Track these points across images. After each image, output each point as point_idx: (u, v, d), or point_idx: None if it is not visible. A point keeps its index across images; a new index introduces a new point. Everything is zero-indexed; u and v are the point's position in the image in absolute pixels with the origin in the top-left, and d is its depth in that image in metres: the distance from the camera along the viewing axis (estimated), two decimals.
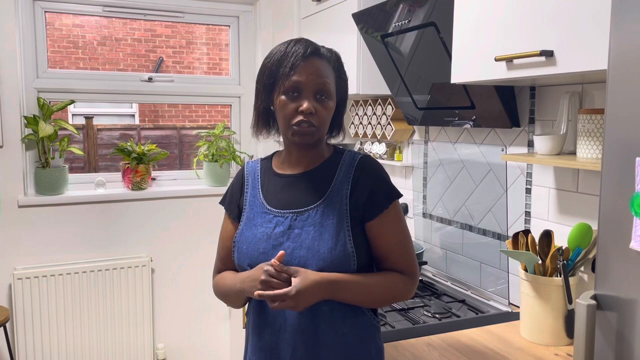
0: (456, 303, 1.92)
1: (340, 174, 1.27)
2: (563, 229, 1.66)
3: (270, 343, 1.24)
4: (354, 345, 1.24)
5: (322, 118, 1.23)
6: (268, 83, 1.25)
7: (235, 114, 3.21)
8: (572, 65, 1.22)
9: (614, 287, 0.92)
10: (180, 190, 2.98)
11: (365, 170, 1.26)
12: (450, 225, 2.18)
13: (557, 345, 1.52)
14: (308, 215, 1.23)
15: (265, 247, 1.23)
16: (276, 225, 1.24)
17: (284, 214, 1.25)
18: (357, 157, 1.29)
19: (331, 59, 1.27)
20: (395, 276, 1.25)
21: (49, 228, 2.72)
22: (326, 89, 1.22)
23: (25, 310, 2.62)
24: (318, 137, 1.25)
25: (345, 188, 1.24)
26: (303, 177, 1.29)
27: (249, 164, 1.40)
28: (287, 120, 1.22)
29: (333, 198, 1.24)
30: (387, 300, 1.28)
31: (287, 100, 1.22)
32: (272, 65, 1.24)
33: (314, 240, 1.20)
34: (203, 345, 3.08)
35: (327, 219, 1.22)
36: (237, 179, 1.39)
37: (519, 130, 1.83)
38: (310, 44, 1.24)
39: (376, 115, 2.50)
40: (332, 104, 1.25)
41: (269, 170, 1.35)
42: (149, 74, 2.97)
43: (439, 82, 1.91)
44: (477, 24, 1.51)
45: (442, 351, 1.49)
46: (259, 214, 1.28)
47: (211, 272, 3.00)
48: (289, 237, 1.22)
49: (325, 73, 1.23)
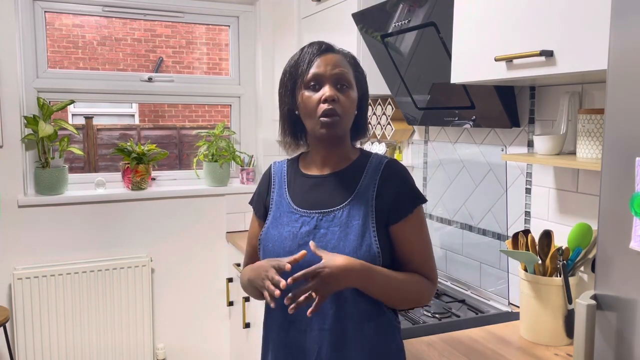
0: (456, 303, 1.92)
1: (366, 177, 1.29)
2: (563, 229, 1.66)
3: (296, 340, 1.25)
4: (377, 345, 1.25)
5: (346, 107, 1.24)
6: (290, 85, 1.29)
7: (235, 114, 3.21)
8: (572, 65, 1.22)
9: (614, 287, 0.92)
10: (180, 190, 2.98)
11: (391, 174, 1.28)
12: (450, 225, 2.18)
13: (557, 345, 1.52)
14: (334, 215, 1.24)
15: (291, 245, 1.24)
16: (302, 224, 1.26)
17: (310, 213, 1.27)
18: (384, 160, 1.31)
19: (347, 55, 1.32)
20: (421, 278, 1.27)
21: (49, 228, 2.72)
22: (345, 78, 1.25)
23: (25, 310, 2.62)
24: (343, 128, 1.26)
25: (372, 190, 1.26)
26: (330, 178, 1.31)
27: (275, 164, 1.43)
28: (312, 112, 1.24)
29: (359, 200, 1.25)
30: (411, 299, 1.29)
31: (310, 94, 1.24)
32: (291, 68, 1.29)
33: (339, 240, 1.22)
34: (203, 345, 3.08)
35: (353, 219, 1.23)
36: (264, 179, 1.42)
37: (519, 130, 1.83)
38: (324, 42, 1.30)
39: (376, 115, 2.50)
40: (354, 94, 1.27)
41: (295, 170, 1.37)
42: (149, 74, 2.97)
43: (439, 82, 1.91)
44: (477, 24, 1.51)
45: (442, 351, 1.49)
46: (285, 214, 1.30)
47: (211, 272, 3.04)
48: (315, 236, 1.23)
49: (342, 64, 1.27)
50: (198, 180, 3.10)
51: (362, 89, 1.33)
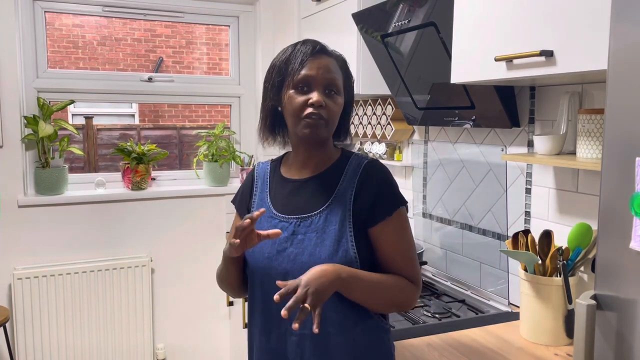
0: (456, 303, 1.92)
1: (345, 179, 1.26)
2: (563, 229, 1.66)
3: (277, 346, 1.24)
4: (364, 350, 1.23)
5: (332, 113, 1.23)
6: (277, 81, 1.25)
7: (235, 114, 3.21)
8: (572, 65, 1.22)
9: (614, 287, 0.92)
10: (180, 190, 2.98)
11: (370, 176, 1.25)
12: (450, 225, 2.18)
13: (557, 345, 1.52)
14: (311, 221, 1.23)
15: (270, 251, 1.24)
16: (281, 230, 1.23)
17: (289, 219, 1.25)
18: (363, 162, 1.27)
19: (339, 58, 1.29)
20: (404, 280, 1.24)
21: (49, 228, 2.72)
22: (335, 84, 1.24)
23: (25, 310, 2.62)
24: (326, 133, 1.24)
25: (349, 194, 1.24)
26: (309, 182, 1.29)
27: (259, 165, 1.41)
28: (296, 113, 1.22)
29: (337, 204, 1.23)
30: (394, 302, 1.24)
31: (297, 94, 1.22)
32: (281, 64, 1.25)
33: (315, 246, 1.20)
34: (203, 345, 3.08)
35: (330, 224, 1.21)
36: (248, 179, 1.40)
37: (519, 130, 1.83)
38: (318, 43, 1.27)
39: (376, 115, 2.50)
40: (341, 100, 1.26)
41: (277, 173, 1.35)
42: (149, 74, 2.97)
43: (439, 82, 1.91)
44: (477, 24, 1.51)
45: (442, 351, 1.49)
46: (265, 218, 1.28)
47: (211, 272, 3.03)
48: (292, 242, 1.22)
49: (334, 69, 1.25)
50: (198, 180, 3.10)
51: (349, 95, 1.31)
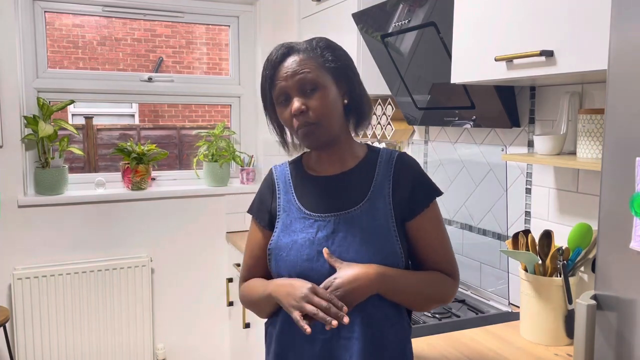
0: (456, 303, 1.92)
1: (379, 172, 1.22)
2: (563, 229, 1.66)
3: (325, 350, 1.16)
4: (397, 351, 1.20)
5: (318, 111, 1.15)
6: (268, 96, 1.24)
7: (235, 114, 3.21)
8: (572, 65, 1.22)
9: (614, 287, 0.92)
10: (180, 190, 2.98)
11: (404, 167, 1.22)
12: (450, 225, 2.18)
13: (557, 345, 1.51)
14: (352, 216, 1.18)
15: (309, 253, 1.17)
16: (318, 229, 1.18)
17: (326, 217, 1.19)
18: (395, 154, 1.24)
19: (309, 48, 1.20)
20: (442, 275, 1.21)
21: (49, 228, 2.72)
22: (308, 80, 1.15)
23: (25, 310, 2.62)
24: (326, 134, 1.18)
25: (387, 186, 1.20)
26: (340, 177, 1.23)
27: (277, 168, 1.33)
28: (289, 126, 1.20)
29: (376, 197, 1.19)
30: (434, 299, 1.22)
31: (282, 109, 1.20)
32: (264, 81, 1.23)
33: (362, 242, 1.15)
34: (203, 345, 3.08)
35: (373, 219, 1.17)
36: (266, 184, 1.32)
37: (519, 130, 1.83)
38: (282, 46, 1.20)
39: (376, 115, 2.50)
40: (326, 92, 1.17)
41: (301, 172, 1.28)
42: (149, 74, 2.97)
43: (439, 82, 1.91)
44: (477, 24, 1.51)
45: (442, 351, 1.49)
46: (297, 220, 1.22)
47: (211, 272, 3.04)
48: (334, 241, 1.16)
49: (302, 65, 1.16)
50: (198, 180, 3.10)
51: (340, 74, 1.20)
